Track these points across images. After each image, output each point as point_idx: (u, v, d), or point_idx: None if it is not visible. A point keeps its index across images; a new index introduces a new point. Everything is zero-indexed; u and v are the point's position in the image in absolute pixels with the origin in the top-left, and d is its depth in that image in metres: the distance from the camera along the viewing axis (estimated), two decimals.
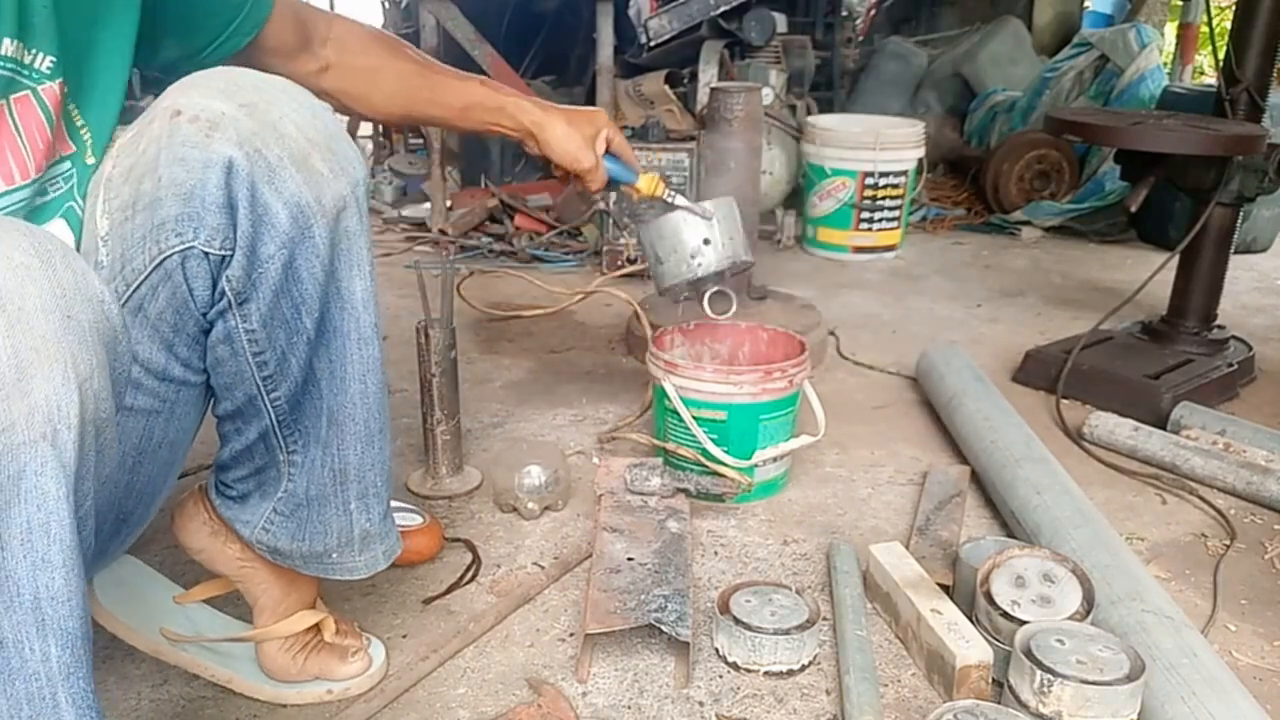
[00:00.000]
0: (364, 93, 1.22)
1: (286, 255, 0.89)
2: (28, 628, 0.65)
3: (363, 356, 0.99)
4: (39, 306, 0.62)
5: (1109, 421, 1.78)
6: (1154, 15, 5.00)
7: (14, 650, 0.65)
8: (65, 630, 0.66)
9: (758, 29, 3.27)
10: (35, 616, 0.65)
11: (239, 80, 0.89)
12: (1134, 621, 1.12)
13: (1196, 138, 1.89)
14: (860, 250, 3.08)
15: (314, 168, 0.89)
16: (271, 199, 0.87)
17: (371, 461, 1.04)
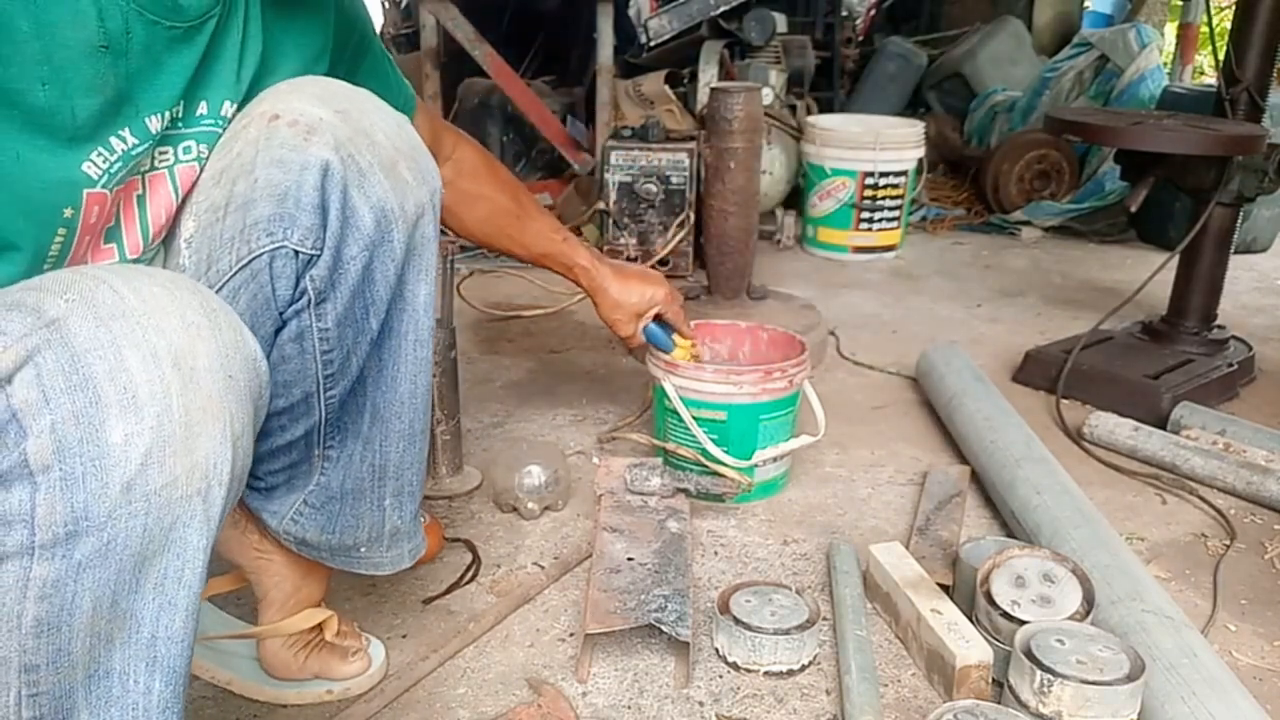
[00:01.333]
0: (462, 213, 1.33)
1: (367, 257, 0.93)
2: (138, 662, 0.67)
3: (417, 358, 1.02)
4: (207, 366, 0.64)
5: (1109, 421, 1.78)
6: (1154, 15, 5.00)
7: (118, 680, 0.67)
8: (173, 669, 0.69)
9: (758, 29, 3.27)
10: (148, 653, 0.67)
11: (332, 88, 0.93)
12: (1134, 621, 1.12)
13: (1196, 138, 1.89)
14: (860, 250, 3.08)
15: (400, 175, 0.93)
16: (360, 202, 0.90)
17: (411, 460, 1.06)
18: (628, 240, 2.75)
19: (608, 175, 2.72)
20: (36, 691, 0.64)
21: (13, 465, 0.57)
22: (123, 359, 0.59)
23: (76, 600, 0.62)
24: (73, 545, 0.60)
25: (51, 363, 0.57)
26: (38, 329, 0.58)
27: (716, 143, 2.17)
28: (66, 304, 0.59)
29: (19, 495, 0.58)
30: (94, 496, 0.59)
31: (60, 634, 0.63)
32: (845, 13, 4.29)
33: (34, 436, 0.57)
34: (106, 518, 0.60)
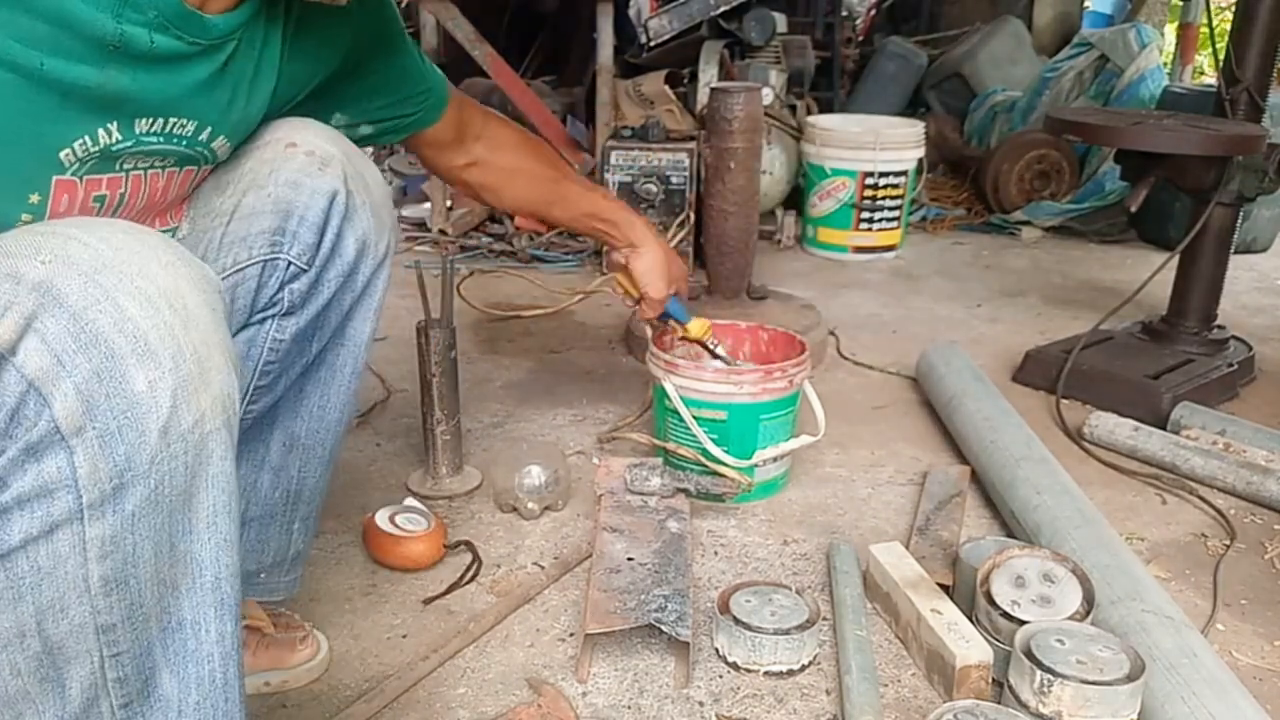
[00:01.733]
0: (501, 188, 1.37)
1: (339, 284, 1.02)
2: (206, 608, 0.69)
3: (349, 390, 1.11)
4: (195, 301, 0.65)
5: (1109, 421, 1.78)
6: (1154, 15, 5.00)
7: (191, 632, 0.69)
8: (234, 606, 0.71)
9: (758, 29, 3.27)
10: (215, 596, 0.69)
11: (335, 132, 1.04)
12: (1134, 621, 1.12)
13: (1196, 138, 1.89)
14: (860, 250, 3.08)
15: (381, 217, 1.06)
16: (348, 234, 1.01)
17: (323, 486, 1.13)
18: None
19: (608, 175, 2.72)
20: (117, 651, 0.65)
21: (43, 435, 0.57)
22: (122, 309, 0.59)
23: (138, 550, 0.63)
24: (122, 498, 0.60)
25: (53, 326, 0.57)
26: (24, 294, 0.57)
27: (716, 143, 2.17)
28: (45, 265, 0.58)
29: (55, 462, 0.58)
30: (134, 447, 0.60)
31: (129, 588, 0.64)
32: (845, 13, 4.29)
33: (59, 401, 0.57)
34: (150, 464, 0.61)
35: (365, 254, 1.04)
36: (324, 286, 1.01)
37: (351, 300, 1.05)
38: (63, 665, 0.64)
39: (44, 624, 0.62)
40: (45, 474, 0.58)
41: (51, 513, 0.59)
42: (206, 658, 0.70)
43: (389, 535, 1.35)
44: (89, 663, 0.65)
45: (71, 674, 0.64)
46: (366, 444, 1.74)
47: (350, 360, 1.09)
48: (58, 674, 0.64)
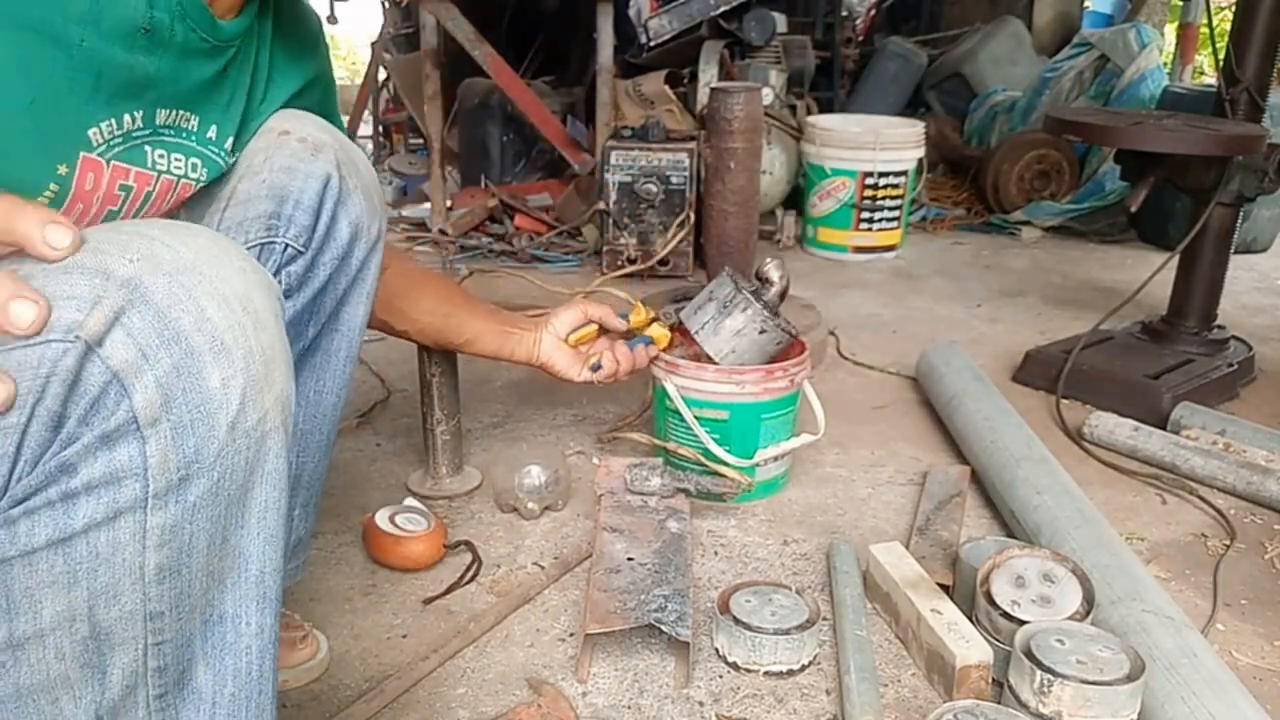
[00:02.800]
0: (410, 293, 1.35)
1: (334, 266, 1.04)
2: (249, 602, 0.71)
3: (345, 374, 1.12)
4: (263, 306, 0.67)
5: (1109, 421, 1.78)
6: (1154, 15, 5.00)
7: (231, 625, 0.71)
8: (275, 601, 0.73)
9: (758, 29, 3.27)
10: (259, 590, 0.71)
11: (324, 121, 1.06)
12: (1134, 621, 1.12)
13: (1196, 138, 1.89)
14: (860, 250, 3.08)
15: (372, 201, 1.08)
16: (341, 217, 1.04)
17: (322, 471, 1.14)
18: (628, 240, 2.75)
19: (608, 175, 2.72)
20: (161, 640, 0.67)
21: (120, 424, 0.59)
22: (202, 309, 0.62)
23: (194, 540, 0.65)
24: (185, 489, 0.63)
25: (139, 321, 0.59)
26: (113, 290, 0.59)
27: (716, 143, 2.17)
28: (134, 264, 0.60)
29: (127, 451, 0.60)
30: (204, 440, 0.62)
31: (181, 577, 0.66)
32: (845, 13, 4.29)
33: (139, 393, 0.59)
34: (215, 458, 0.63)
35: (359, 237, 1.06)
36: (319, 270, 1.03)
37: (346, 284, 1.07)
38: (106, 652, 0.65)
39: (95, 609, 0.64)
40: (117, 461, 0.60)
41: (118, 500, 0.61)
42: (245, 650, 0.71)
43: (389, 535, 1.35)
44: (133, 650, 0.66)
45: (114, 661, 0.66)
46: (366, 444, 1.74)
47: (345, 345, 1.10)
48: (100, 660, 0.65)
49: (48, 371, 0.58)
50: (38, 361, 0.58)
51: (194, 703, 0.71)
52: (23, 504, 0.61)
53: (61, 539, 0.61)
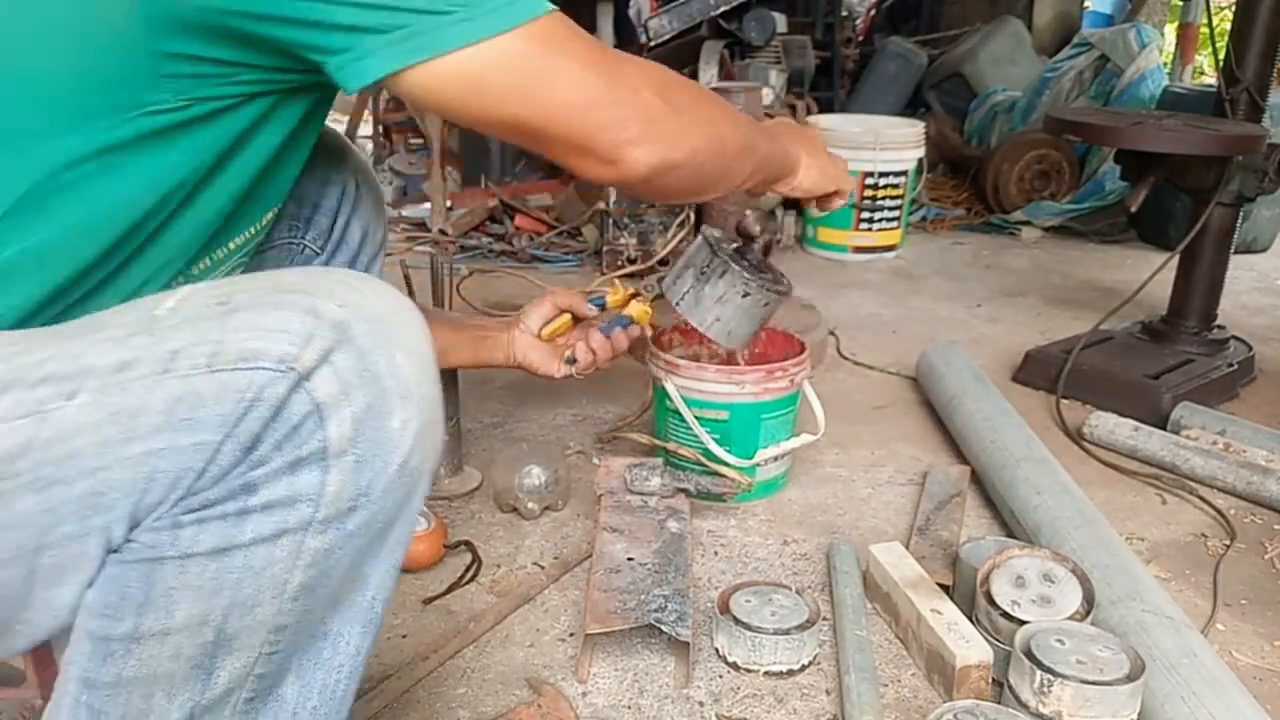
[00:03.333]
0: None
1: None
2: (354, 624, 0.73)
3: None
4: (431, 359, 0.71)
5: (1109, 421, 1.78)
6: (1154, 15, 5.00)
7: (331, 642, 0.73)
8: (377, 628, 0.75)
9: (758, 29, 3.27)
10: (366, 615, 0.74)
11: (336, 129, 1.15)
12: (1134, 621, 1.12)
13: (1196, 138, 1.89)
14: (860, 250, 3.08)
15: (380, 209, 1.14)
16: (355, 222, 1.09)
17: None
18: (628, 240, 2.75)
19: None
20: (275, 650, 0.69)
21: (311, 452, 0.63)
22: (393, 355, 0.66)
23: (337, 566, 0.68)
24: (348, 518, 0.66)
25: (343, 361, 0.63)
26: (324, 329, 0.63)
27: None
28: (341, 309, 0.65)
29: (309, 477, 0.64)
30: (377, 475, 0.66)
31: (314, 596, 0.68)
32: (845, 13, 4.29)
33: (334, 426, 0.63)
34: (381, 493, 0.67)
35: (366, 242, 1.11)
36: None
37: None
38: (222, 657, 0.67)
39: (229, 618, 0.66)
40: (298, 486, 0.64)
41: (286, 520, 0.64)
42: (337, 668, 0.74)
43: None
44: (247, 657, 0.68)
45: (225, 665, 0.68)
46: None
47: None
48: (212, 663, 0.67)
49: (254, 396, 0.61)
50: (245, 385, 0.61)
51: (274, 709, 0.72)
52: (197, 513, 0.63)
53: (223, 549, 0.64)
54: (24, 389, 0.62)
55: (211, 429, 0.61)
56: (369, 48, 0.72)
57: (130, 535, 0.64)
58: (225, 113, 0.75)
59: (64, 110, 0.69)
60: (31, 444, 0.61)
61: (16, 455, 0.61)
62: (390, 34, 0.72)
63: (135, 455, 0.61)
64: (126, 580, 0.65)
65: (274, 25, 0.70)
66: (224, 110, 0.75)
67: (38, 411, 0.61)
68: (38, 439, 0.61)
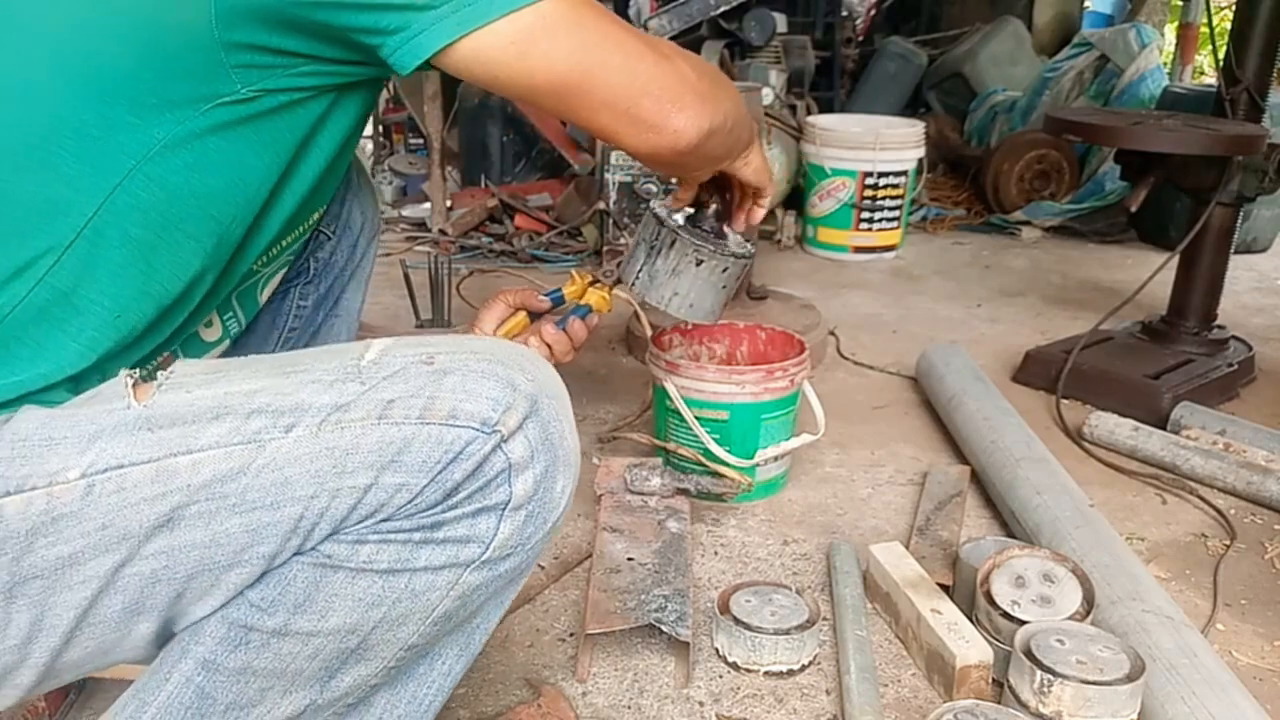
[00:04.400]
0: None
1: (346, 254, 1.12)
2: (455, 647, 0.81)
3: None
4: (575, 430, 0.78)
5: (1109, 421, 1.78)
6: (1154, 15, 5.00)
7: (428, 663, 0.80)
8: (474, 656, 0.83)
9: (758, 29, 3.27)
10: (466, 640, 0.81)
11: None
12: (1134, 621, 1.12)
13: (1196, 138, 1.89)
14: (860, 250, 3.08)
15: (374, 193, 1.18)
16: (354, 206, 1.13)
17: None
18: (628, 240, 2.75)
19: (608, 175, 2.72)
20: (395, 666, 0.76)
21: (495, 503, 0.71)
22: (563, 428, 0.75)
23: (475, 600, 0.76)
24: (503, 562, 0.74)
25: (533, 430, 0.72)
26: (521, 400, 0.71)
27: None
28: (531, 382, 0.73)
29: (487, 523, 0.72)
30: (537, 530, 0.74)
31: (449, 622, 0.76)
32: (845, 13, 4.28)
33: (519, 484, 0.72)
34: (535, 545, 0.75)
35: (365, 226, 1.14)
36: (338, 255, 1.11)
37: (351, 270, 1.14)
38: (352, 665, 0.73)
39: (376, 630, 0.72)
40: (476, 529, 0.71)
41: (458, 556, 0.72)
42: (430, 684, 0.80)
43: None
44: (372, 668, 0.74)
45: (351, 673, 0.74)
46: None
47: (345, 331, 1.16)
48: (340, 668, 0.73)
49: (458, 451, 0.69)
50: (452, 440, 0.69)
51: (361, 711, 0.78)
52: (383, 535, 0.70)
53: (395, 570, 0.71)
54: (239, 418, 0.68)
55: (416, 472, 0.68)
56: (422, 24, 0.75)
57: None
58: (292, 106, 0.78)
59: (146, 102, 0.72)
60: (245, 470, 0.67)
61: (229, 478, 0.67)
62: (440, 8, 0.75)
63: (344, 488, 0.68)
64: (293, 580, 0.69)
65: (332, 10, 0.73)
66: (291, 104, 0.78)
67: (255, 440, 0.67)
68: (252, 465, 0.67)
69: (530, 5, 0.76)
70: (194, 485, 0.66)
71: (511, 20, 0.76)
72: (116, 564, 0.66)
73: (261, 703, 0.72)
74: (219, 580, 0.68)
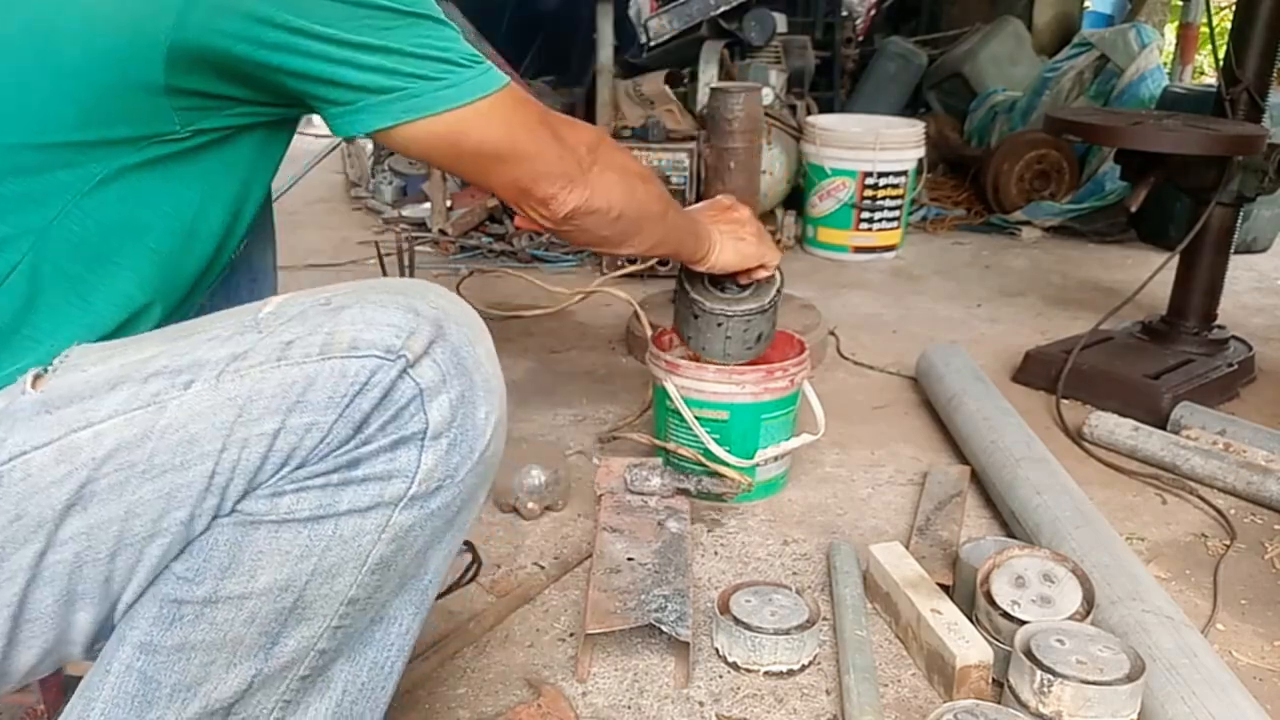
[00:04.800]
0: None
1: None
2: (409, 606, 0.78)
3: None
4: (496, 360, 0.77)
5: (1109, 421, 1.78)
6: (1154, 15, 5.00)
7: (386, 625, 0.77)
8: (428, 610, 0.80)
9: (758, 29, 3.27)
10: (420, 598, 0.78)
11: None
12: (1134, 621, 1.12)
13: (1196, 138, 1.89)
14: (860, 250, 3.08)
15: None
16: None
17: None
18: None
19: None
20: (342, 624, 0.74)
21: (413, 433, 0.69)
22: (477, 354, 0.73)
23: (413, 544, 0.73)
24: (433, 498, 0.72)
25: (441, 354, 0.70)
26: (425, 325, 0.70)
27: (716, 143, 2.17)
28: (434, 308, 0.72)
29: (408, 456, 0.70)
30: (463, 459, 0.72)
31: (388, 572, 0.73)
32: (845, 13, 4.29)
33: (434, 410, 0.70)
34: (464, 477, 0.73)
35: None
36: None
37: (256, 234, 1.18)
38: (293, 626, 0.71)
39: (310, 584, 0.70)
40: (397, 463, 0.70)
41: (383, 494, 0.70)
42: (389, 646, 0.78)
43: None
44: (315, 628, 0.72)
45: (294, 635, 0.72)
46: None
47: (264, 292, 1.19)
48: (281, 632, 0.71)
49: (364, 381, 0.67)
50: (356, 371, 0.67)
51: (322, 689, 0.76)
52: (300, 483, 0.68)
53: (318, 517, 0.69)
54: (135, 384, 0.67)
55: (324, 410, 0.67)
56: (366, 105, 0.80)
57: None
58: (228, 140, 0.80)
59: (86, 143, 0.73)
60: (149, 434, 0.66)
61: (134, 445, 0.65)
62: (388, 95, 0.80)
63: (252, 436, 0.66)
64: (215, 544, 0.68)
65: (287, 77, 0.77)
66: (226, 139, 0.79)
67: (155, 402, 0.66)
68: (155, 428, 0.66)
69: (470, 103, 0.83)
70: (98, 458, 0.65)
71: (449, 116, 0.83)
72: (37, 553, 0.65)
73: (206, 679, 0.70)
74: (142, 555, 0.67)
